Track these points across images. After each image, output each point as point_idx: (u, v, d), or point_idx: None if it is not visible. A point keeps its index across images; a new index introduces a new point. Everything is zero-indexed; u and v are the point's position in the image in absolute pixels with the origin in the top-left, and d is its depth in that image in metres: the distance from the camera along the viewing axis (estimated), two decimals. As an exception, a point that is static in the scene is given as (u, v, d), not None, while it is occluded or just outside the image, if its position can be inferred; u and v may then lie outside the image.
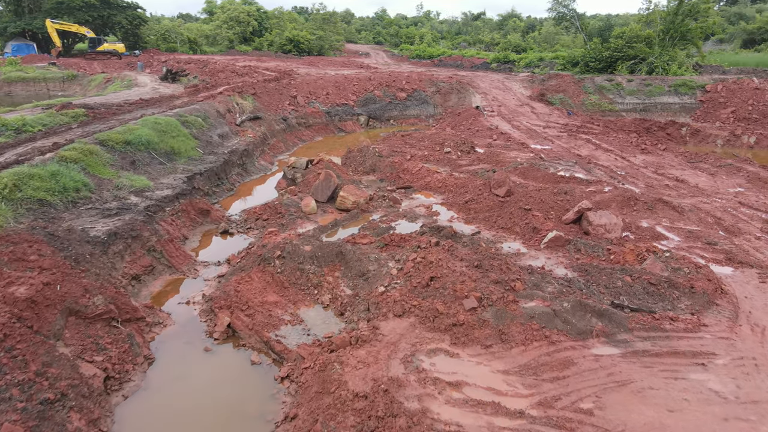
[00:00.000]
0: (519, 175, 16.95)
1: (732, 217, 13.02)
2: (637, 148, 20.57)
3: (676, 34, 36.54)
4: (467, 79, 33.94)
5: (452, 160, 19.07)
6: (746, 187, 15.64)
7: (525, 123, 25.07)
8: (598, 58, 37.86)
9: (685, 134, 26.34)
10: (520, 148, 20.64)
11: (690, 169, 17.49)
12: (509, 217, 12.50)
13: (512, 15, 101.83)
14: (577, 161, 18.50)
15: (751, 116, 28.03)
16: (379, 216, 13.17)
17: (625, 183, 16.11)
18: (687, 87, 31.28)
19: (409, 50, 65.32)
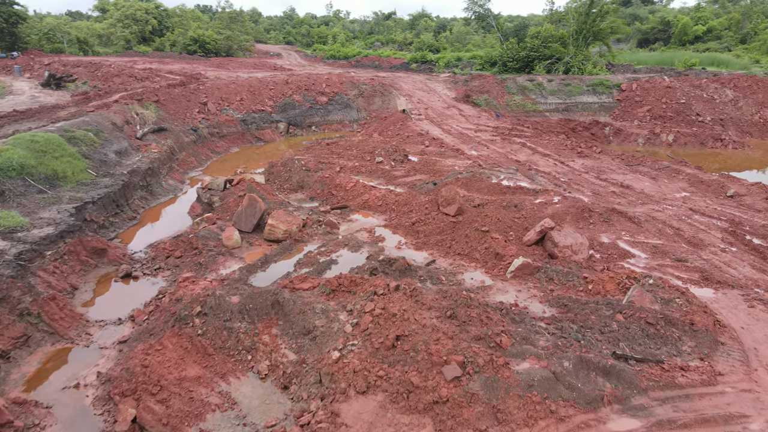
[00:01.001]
0: (462, 187, 15.65)
1: (689, 226, 12.38)
2: (573, 151, 20.02)
3: (588, 34, 37.27)
4: (389, 80, 32.57)
5: (386, 171, 17.48)
6: (690, 191, 15.28)
7: (455, 126, 24.00)
8: (516, 58, 37.92)
9: (608, 134, 26.43)
10: (456, 155, 19.44)
11: (631, 173, 17.02)
12: (465, 241, 11.06)
13: (423, 15, 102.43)
14: (518, 168, 17.52)
15: (666, 114, 28.74)
16: (316, 246, 11.27)
17: (572, 191, 15.26)
18: (604, 86, 31.75)
19: (323, 50, 63.21)
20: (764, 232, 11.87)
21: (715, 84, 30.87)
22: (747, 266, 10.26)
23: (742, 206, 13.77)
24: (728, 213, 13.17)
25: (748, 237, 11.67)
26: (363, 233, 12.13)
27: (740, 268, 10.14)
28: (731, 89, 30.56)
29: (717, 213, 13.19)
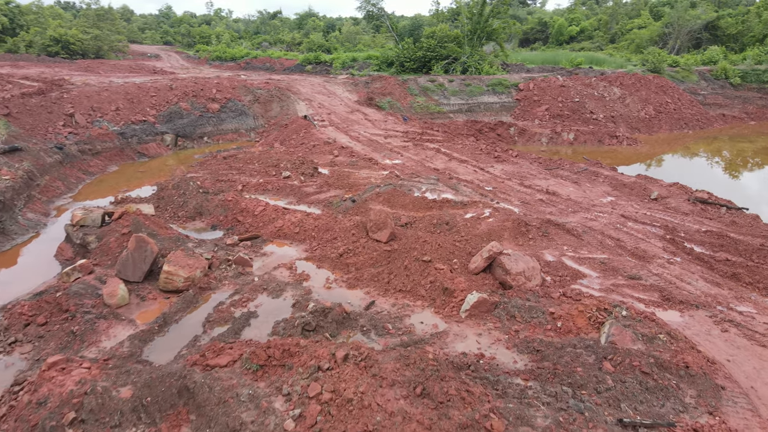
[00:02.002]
0: (384, 203, 14.21)
1: (628, 236, 11.85)
2: (489, 156, 19.33)
3: (483, 34, 37.53)
4: (285, 83, 30.40)
5: (296, 187, 15.58)
6: (615, 195, 15.00)
7: (363, 133, 22.52)
8: (413, 58, 37.33)
9: (513, 134, 26.36)
10: (370, 165, 17.96)
11: (552, 178, 16.54)
12: (406, 274, 9.57)
13: (310, 14, 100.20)
14: (439, 177, 16.41)
15: (563, 113, 29.35)
16: (228, 294, 9.20)
17: (500, 201, 14.36)
18: (503, 86, 31.92)
19: (208, 51, 59.05)
20: (700, 237, 11.60)
21: (603, 82, 32.16)
22: (699, 279, 9.75)
23: (669, 209, 13.61)
24: (659, 218, 12.89)
25: (687, 244, 11.32)
26: (282, 271, 10.21)
27: (694, 283, 9.60)
28: (618, 87, 31.98)
29: (649, 219, 12.85)
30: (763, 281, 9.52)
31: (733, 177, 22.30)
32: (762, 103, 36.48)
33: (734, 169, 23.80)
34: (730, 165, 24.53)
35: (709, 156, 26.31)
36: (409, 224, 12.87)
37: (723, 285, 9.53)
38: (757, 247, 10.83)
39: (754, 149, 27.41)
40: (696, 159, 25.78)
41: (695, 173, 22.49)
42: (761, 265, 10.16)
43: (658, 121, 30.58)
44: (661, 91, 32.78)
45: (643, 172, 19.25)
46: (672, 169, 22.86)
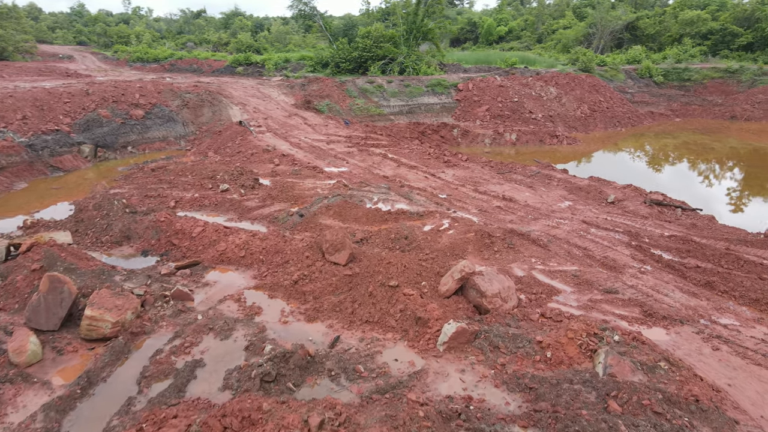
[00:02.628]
0: (335, 217, 13.15)
1: (593, 244, 11.41)
2: (439, 160, 18.64)
3: (418, 34, 37.03)
4: (215, 86, 28.55)
5: (236, 202, 14.23)
6: (571, 199, 14.65)
7: (304, 138, 21.27)
8: (349, 59, 36.28)
9: (456, 136, 25.95)
10: (314, 174, 16.80)
11: (507, 183, 16.04)
12: (372, 303, 8.56)
13: (237, 13, 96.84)
14: (389, 186, 15.51)
15: (503, 113, 29.28)
16: (167, 339, 7.83)
17: (457, 210, 13.64)
18: (442, 86, 31.51)
19: (128, 52, 55.35)
20: (666, 243, 11.33)
21: (540, 82, 32.44)
22: (675, 290, 9.36)
23: (628, 213, 13.36)
24: (621, 223, 12.58)
25: (654, 251, 10.99)
26: (230, 304, 8.93)
27: (671, 294, 9.19)
28: (554, 86, 32.35)
29: (611, 224, 12.51)
30: (737, 289, 9.25)
31: (674, 174, 22.82)
32: (685, 100, 38.18)
33: (671, 166, 24.43)
34: (663, 161, 25.20)
35: (646, 153, 26.97)
36: (364, 240, 11.89)
37: (700, 295, 9.18)
38: (723, 251, 10.64)
39: (691, 145, 28.42)
40: (635, 156, 26.34)
41: (638, 171, 22.84)
42: (732, 271, 9.93)
43: (594, 120, 31.17)
44: (594, 90, 33.49)
45: (586, 171, 19.21)
46: (615, 167, 23.13)
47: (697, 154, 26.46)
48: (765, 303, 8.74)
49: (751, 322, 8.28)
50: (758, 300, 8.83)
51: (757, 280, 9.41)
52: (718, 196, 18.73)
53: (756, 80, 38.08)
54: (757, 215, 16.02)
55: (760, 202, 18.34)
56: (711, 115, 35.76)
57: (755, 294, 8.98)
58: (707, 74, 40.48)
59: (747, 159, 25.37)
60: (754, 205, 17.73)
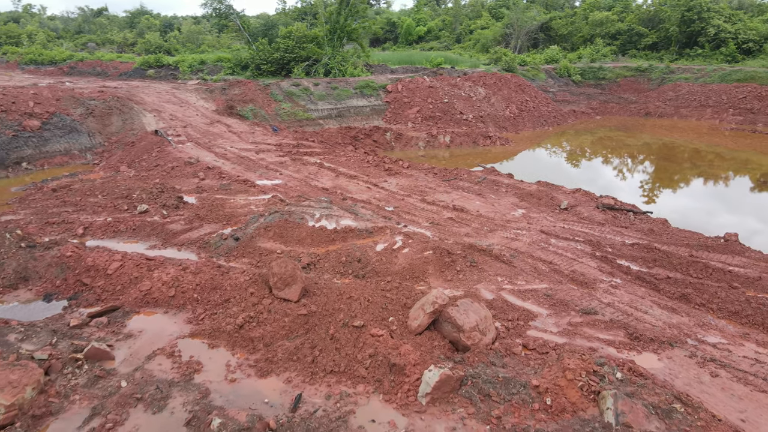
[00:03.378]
0: (274, 238, 11.78)
1: (558, 257, 10.80)
2: (379, 168, 17.58)
3: (342, 34, 35.86)
4: (125, 91, 25.96)
5: (158, 225, 12.48)
6: (523, 206, 14.07)
7: (230, 148, 19.51)
8: (270, 60, 34.57)
9: (390, 139, 25.11)
10: (246, 188, 15.25)
11: (454, 191, 15.25)
12: (335, 348, 7.34)
13: (143, 12, 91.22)
14: (330, 199, 14.27)
15: (435, 114, 28.78)
16: (82, 421, 6.19)
17: (407, 224, 12.66)
18: (370, 88, 30.56)
19: (19, 54, 50.11)
20: (629, 252, 10.91)
21: (468, 82, 32.28)
22: (653, 306, 8.85)
23: (584, 220, 12.93)
24: (580, 231, 12.09)
25: (620, 262, 10.53)
26: (161, 360, 7.38)
27: (650, 311, 8.66)
28: (482, 87, 32.30)
29: (570, 233, 11.99)
30: (714, 301, 8.87)
31: (596, 170, 23.17)
32: (603, 98, 39.57)
33: (603, 163, 24.87)
34: (590, 157, 25.67)
35: (577, 152, 27.38)
36: (312, 265, 10.65)
37: (678, 310, 8.71)
38: (688, 258, 10.34)
39: (606, 141, 29.20)
40: (568, 154, 26.64)
41: (571, 171, 23.00)
42: (703, 280, 9.60)
43: (522, 119, 31.39)
44: (520, 90, 33.81)
45: (524, 172, 18.93)
46: (555, 168, 23.19)
47: (616, 150, 27.24)
48: (745, 316, 8.38)
49: (738, 339, 7.86)
50: (737, 313, 8.47)
51: (730, 290, 9.09)
52: (633, 188, 19.16)
53: (665, 78, 40.15)
54: (673, 207, 16.51)
55: (669, 194, 19.36)
56: (627, 112, 37.23)
57: (733, 306, 8.63)
58: (620, 73, 42.26)
59: (658, 153, 26.41)
60: (665, 198, 18.70)
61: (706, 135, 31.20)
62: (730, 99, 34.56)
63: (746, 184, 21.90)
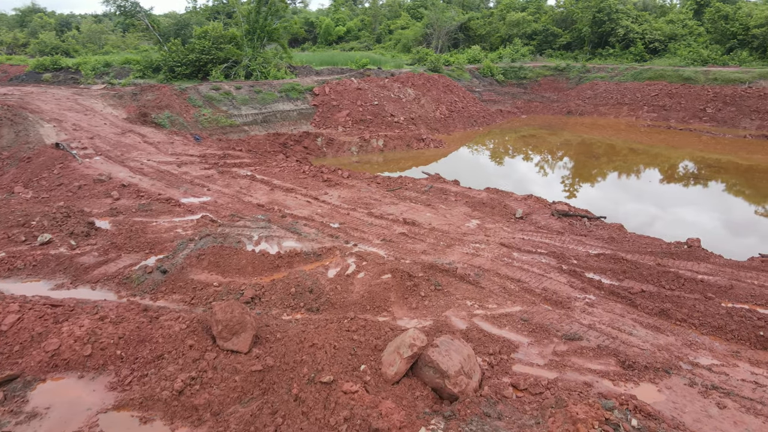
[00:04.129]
0: (210, 268, 10.30)
1: (524, 273, 10.10)
2: (317, 179, 16.28)
3: (263, 34, 34.02)
4: (16, 99, 22.95)
5: (65, 259, 10.61)
6: (477, 216, 13.33)
7: (147, 162, 17.46)
8: (185, 62, 32.16)
9: (321, 145, 23.89)
10: (169, 209, 13.51)
11: (401, 202, 14.27)
12: (301, 412, 6.10)
13: (35, 10, 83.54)
14: (268, 217, 12.87)
15: (365, 117, 27.82)
16: None
17: (357, 243, 11.54)
18: (296, 91, 29.08)
19: None
20: (596, 264, 10.40)
21: (397, 83, 31.55)
22: (634, 325, 8.29)
23: (541, 229, 12.37)
24: (540, 243, 11.49)
25: (589, 275, 9.98)
26: (79, 447, 5.84)
27: (635, 332, 8.09)
28: (411, 88, 31.69)
29: (531, 245, 11.36)
30: (694, 315, 8.45)
31: (516, 169, 23.16)
32: (527, 98, 40.27)
33: (539, 164, 24.91)
34: (513, 155, 25.73)
35: (509, 151, 27.35)
36: (257, 299, 9.32)
37: (662, 328, 8.20)
38: (656, 268, 9.96)
39: (529, 139, 29.50)
40: (505, 156, 26.53)
41: (511, 172, 22.80)
42: (676, 292, 9.20)
43: (453, 120, 31.09)
44: (448, 90, 33.54)
45: (463, 175, 18.39)
46: (498, 171, 22.88)
47: (549, 149, 27.52)
48: (729, 331, 7.99)
49: (730, 359, 7.42)
50: (721, 328, 8.08)
51: (707, 302, 8.73)
52: (555, 184, 19.22)
53: (582, 77, 41.50)
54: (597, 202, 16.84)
55: (588, 188, 19.94)
56: (551, 111, 38.07)
57: (714, 320, 8.23)
58: (540, 72, 43.26)
59: (589, 150, 27.00)
60: (585, 192, 19.16)
61: (624, 131, 32.37)
62: (644, 97, 36.17)
63: (656, 176, 22.64)
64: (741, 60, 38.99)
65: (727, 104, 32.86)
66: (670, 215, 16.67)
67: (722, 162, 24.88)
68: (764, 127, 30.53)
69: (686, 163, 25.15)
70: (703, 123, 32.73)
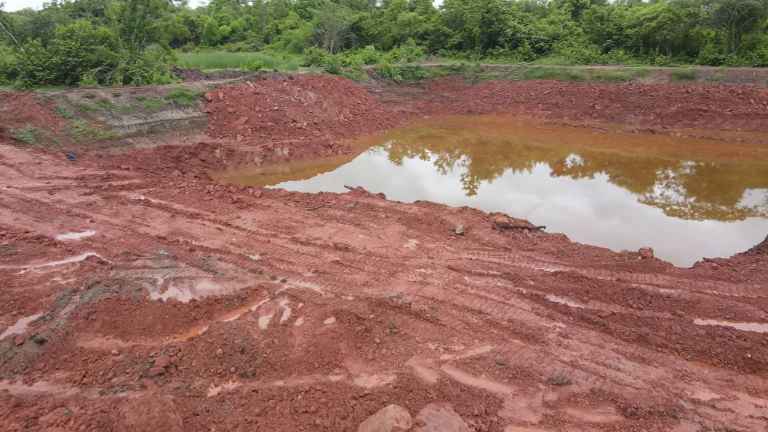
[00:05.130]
0: (105, 331, 8.18)
1: (483, 302, 9.04)
2: (224, 200, 14.18)
3: (141, 34, 30.56)
4: None
5: None
6: (414, 235, 12.11)
7: (8, 189, 14.28)
8: (48, 66, 28.14)
9: (220, 157, 21.69)
10: (42, 249, 10.91)
11: (327, 223, 12.69)
12: None
13: None
14: (173, 252, 10.77)
15: (266, 124, 25.84)
16: None
17: (286, 278, 9.88)
18: (186, 97, 26.33)
19: None
20: (555, 284, 9.60)
21: (296, 87, 29.72)
22: (618, 357, 7.50)
23: (487, 247, 11.42)
24: (490, 263, 10.53)
25: (551, 298, 9.14)
26: None
27: (621, 366, 7.28)
28: (312, 91, 30.04)
29: (481, 266, 10.35)
30: (672, 338, 7.84)
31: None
32: (427, 98, 40.06)
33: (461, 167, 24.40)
34: (417, 155, 25.18)
35: (421, 154, 26.62)
36: (173, 367, 7.43)
37: (646, 358, 7.49)
38: (617, 285, 9.35)
39: (428, 140, 29.13)
40: (420, 159, 25.72)
41: (432, 178, 22.01)
42: (644, 311, 8.60)
43: (357, 124, 29.88)
44: (349, 93, 32.27)
45: (391, 187, 17.28)
46: (419, 177, 21.95)
47: (455, 149, 27.24)
48: (715, 355, 7.44)
49: (728, 390, 6.82)
50: (705, 352, 7.51)
51: (679, 321, 8.19)
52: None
53: (477, 76, 42.15)
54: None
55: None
56: (451, 111, 38.15)
57: (695, 343, 7.67)
58: (437, 72, 43.37)
59: (485, 149, 27.19)
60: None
61: (522, 129, 33.13)
62: (538, 95, 37.36)
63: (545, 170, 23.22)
64: (618, 59, 41.66)
65: (613, 101, 34.77)
66: (554, 205, 18.01)
67: (606, 155, 26.42)
68: (648, 122, 32.61)
69: (574, 157, 26.39)
70: (593, 119, 34.36)
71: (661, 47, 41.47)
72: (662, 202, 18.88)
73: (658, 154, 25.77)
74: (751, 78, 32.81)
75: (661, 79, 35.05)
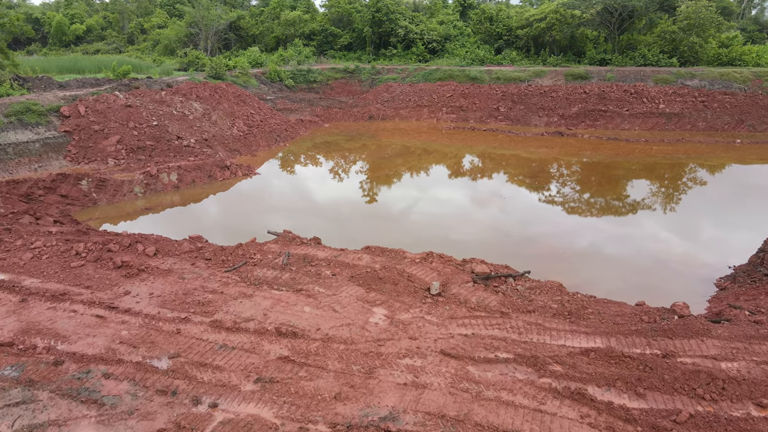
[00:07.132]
0: None
1: (512, 411, 6.46)
2: (102, 266, 10.18)
3: (-34, 35, 24.28)
4: None
5: None
6: (379, 301, 9.13)
7: None
8: None
9: (89, 190, 17.28)
10: None
11: (257, 291, 9.32)
12: None
13: None
14: (26, 371, 6.94)
15: (144, 144, 21.42)
16: None
17: (217, 398, 6.56)
18: (34, 113, 21.01)
19: None
20: (594, 370, 7.23)
21: (177, 96, 25.26)
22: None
23: (477, 311, 8.77)
24: (493, 339, 7.93)
25: (597, 394, 6.75)
26: None
27: None
28: (197, 101, 25.76)
29: (484, 347, 7.70)
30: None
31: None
32: (324, 104, 36.92)
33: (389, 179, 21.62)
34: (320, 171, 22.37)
35: (336, 170, 23.56)
36: None
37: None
38: (671, 363, 7.17)
39: (331, 146, 26.36)
40: (322, 179, 22.58)
41: (351, 199, 19.05)
42: (723, 401, 6.49)
43: (254, 137, 26.13)
44: (241, 102, 28.34)
45: (320, 220, 14.20)
46: (344, 203, 18.83)
47: (367, 160, 24.64)
48: None
49: None
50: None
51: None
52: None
53: (374, 79, 39.81)
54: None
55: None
56: (352, 117, 35.44)
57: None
58: (330, 75, 40.41)
59: (397, 158, 24.94)
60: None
61: (426, 134, 31.35)
62: (440, 98, 35.82)
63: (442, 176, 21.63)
64: (512, 59, 41.52)
65: (516, 103, 34.15)
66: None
67: (506, 156, 25.75)
68: (552, 123, 32.30)
69: (472, 158, 25.35)
70: (499, 122, 33.46)
71: (551, 48, 42.01)
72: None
73: (603, 157, 25.01)
74: (639, 77, 33.82)
75: (558, 79, 35.10)
